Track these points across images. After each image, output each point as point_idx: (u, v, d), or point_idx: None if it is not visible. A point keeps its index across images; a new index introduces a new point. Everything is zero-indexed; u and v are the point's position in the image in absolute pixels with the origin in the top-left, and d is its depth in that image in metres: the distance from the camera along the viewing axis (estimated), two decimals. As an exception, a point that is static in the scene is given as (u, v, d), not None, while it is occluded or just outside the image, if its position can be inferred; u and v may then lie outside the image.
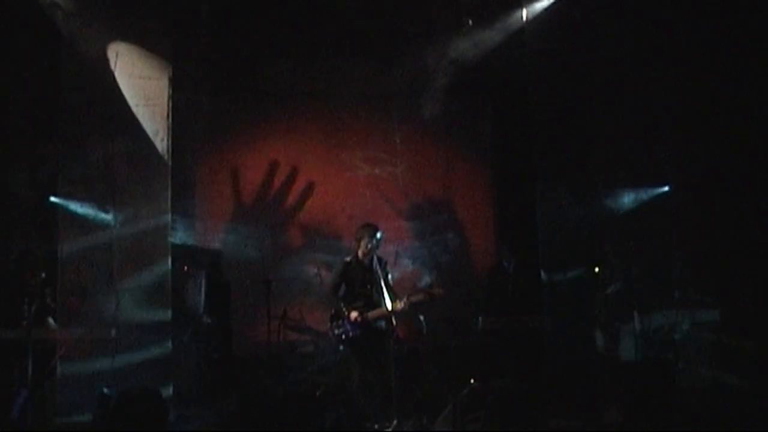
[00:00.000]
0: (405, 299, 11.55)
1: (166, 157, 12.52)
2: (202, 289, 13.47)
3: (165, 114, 12.60)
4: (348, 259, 12.09)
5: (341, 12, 13.80)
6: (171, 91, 12.68)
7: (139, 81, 12.54)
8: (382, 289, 11.45)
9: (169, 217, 12.58)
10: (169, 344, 12.26)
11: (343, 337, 11.67)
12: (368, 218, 13.09)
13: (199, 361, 13.06)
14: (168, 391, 11.76)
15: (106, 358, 11.72)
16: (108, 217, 12.24)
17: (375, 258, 11.77)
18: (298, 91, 14.87)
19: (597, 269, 13.32)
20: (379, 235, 12.03)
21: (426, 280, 13.66)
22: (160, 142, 12.52)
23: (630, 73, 13.60)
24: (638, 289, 13.13)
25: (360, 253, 11.95)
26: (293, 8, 13.63)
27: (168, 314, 12.32)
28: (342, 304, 11.76)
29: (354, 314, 11.61)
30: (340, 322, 11.68)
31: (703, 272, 13.24)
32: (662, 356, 12.75)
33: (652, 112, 13.67)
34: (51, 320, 11.50)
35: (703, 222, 13.33)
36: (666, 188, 13.69)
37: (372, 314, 11.61)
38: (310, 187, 14.82)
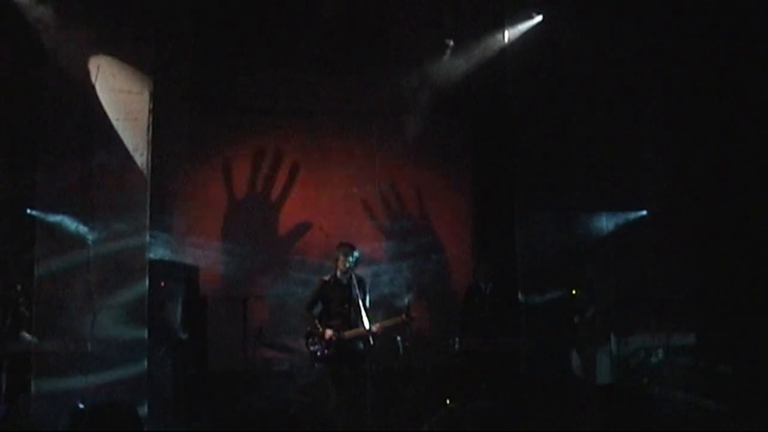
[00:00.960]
0: (378, 325, 11.58)
1: (145, 172, 12.48)
2: (179, 305, 13.40)
3: (145, 128, 12.56)
4: (326, 277, 12.09)
5: (323, 30, 13.88)
6: (152, 106, 12.64)
7: (119, 95, 12.50)
8: (359, 308, 11.45)
9: (147, 231, 12.53)
10: (145, 360, 12.22)
11: (318, 354, 11.67)
12: (346, 237, 13.07)
13: (175, 376, 12.99)
14: (143, 407, 11.71)
15: (81, 372, 11.66)
16: (86, 230, 12.19)
17: (353, 277, 11.76)
18: (279, 107, 14.85)
19: (574, 291, 13.34)
20: (356, 253, 12.04)
21: (404, 300, 13.59)
22: (140, 156, 12.47)
23: (610, 96, 13.68)
24: (615, 312, 13.16)
25: (338, 271, 11.95)
26: (275, 25, 13.70)
27: (144, 330, 12.27)
28: (317, 323, 11.76)
29: (329, 333, 11.63)
30: (315, 339, 11.69)
31: (679, 295, 13.29)
32: (638, 380, 12.79)
33: (632, 135, 13.74)
34: (26, 334, 11.42)
35: (680, 246, 13.39)
36: (644, 212, 13.74)
37: (348, 334, 11.62)
38: (288, 205, 14.78)
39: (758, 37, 12.53)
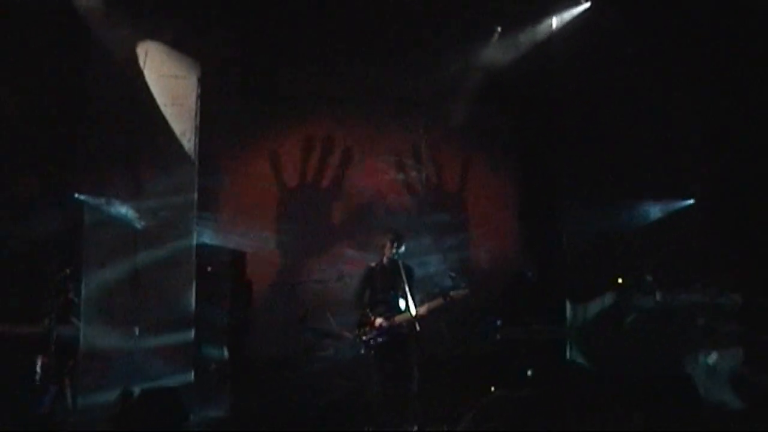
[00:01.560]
0: (425, 306, 11.56)
1: (192, 156, 12.54)
2: (226, 290, 13.46)
3: (192, 114, 12.61)
4: (372, 264, 12.09)
5: (371, 17, 13.82)
6: (199, 91, 12.69)
7: (167, 80, 12.55)
8: (405, 294, 11.42)
9: (194, 216, 12.60)
10: (191, 344, 12.29)
11: (371, 342, 11.67)
12: (392, 224, 13.09)
13: (220, 360, 13.06)
14: (188, 391, 11.78)
15: (128, 356, 11.75)
16: (133, 215, 12.26)
17: (400, 264, 11.74)
18: (326, 96, 14.85)
19: (620, 280, 13.28)
20: (402, 240, 12.01)
21: (447, 285, 13.55)
22: (187, 141, 12.53)
23: (655, 85, 13.59)
24: (661, 301, 13.09)
25: (384, 258, 11.94)
26: (320, 11, 13.66)
27: (191, 314, 12.34)
28: (368, 311, 11.77)
29: (379, 320, 11.63)
30: (367, 329, 11.69)
31: (725, 285, 13.20)
32: (684, 371, 12.72)
33: (678, 124, 13.66)
34: (75, 319, 11.51)
35: (726, 235, 13.30)
36: (690, 201, 13.66)
37: (398, 319, 11.60)
38: (335, 192, 14.81)
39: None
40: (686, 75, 13.61)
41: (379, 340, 11.62)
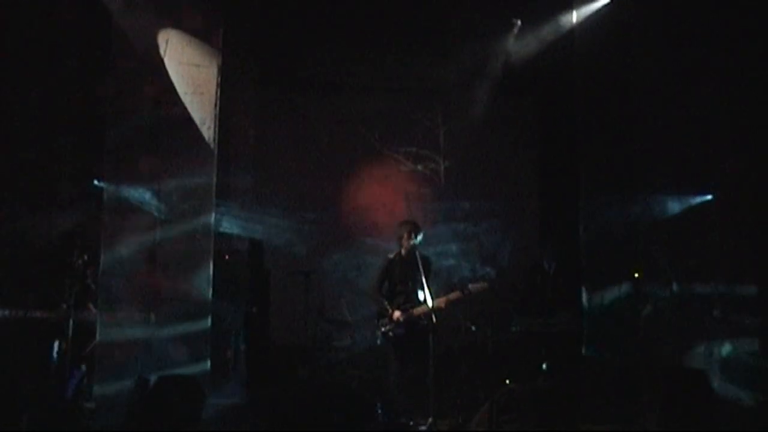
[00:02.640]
0: (443, 298, 11.56)
1: (212, 145, 12.56)
2: (244, 279, 13.50)
3: (213, 102, 12.62)
4: (391, 255, 12.10)
5: (392, 6, 13.81)
6: (220, 80, 12.71)
7: (188, 68, 12.55)
8: (423, 286, 11.42)
9: (213, 204, 12.62)
10: (209, 333, 12.32)
11: (390, 334, 11.69)
12: (409, 214, 13.10)
13: (237, 349, 13.10)
14: (206, 379, 11.82)
15: (145, 344, 11.79)
16: (152, 202, 12.29)
17: (418, 255, 11.73)
18: (344, 83, 14.92)
19: (637, 275, 13.24)
20: (419, 231, 12.01)
21: (466, 276, 13.53)
22: (207, 130, 12.53)
23: (677, 77, 13.53)
24: (679, 296, 13.05)
25: (402, 249, 11.94)
26: (344, 1, 13.67)
27: (208, 302, 12.37)
28: (386, 304, 11.78)
29: (397, 314, 11.65)
30: (386, 320, 11.70)
31: (744, 281, 13.16)
32: (701, 365, 12.69)
33: (698, 118, 13.60)
34: (92, 306, 11.55)
35: (746, 231, 13.25)
36: (709, 197, 13.62)
37: (416, 311, 11.61)
38: (352, 182, 14.85)
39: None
40: (709, 68, 13.53)
41: (397, 331, 11.63)
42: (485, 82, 14.54)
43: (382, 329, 11.73)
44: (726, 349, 12.79)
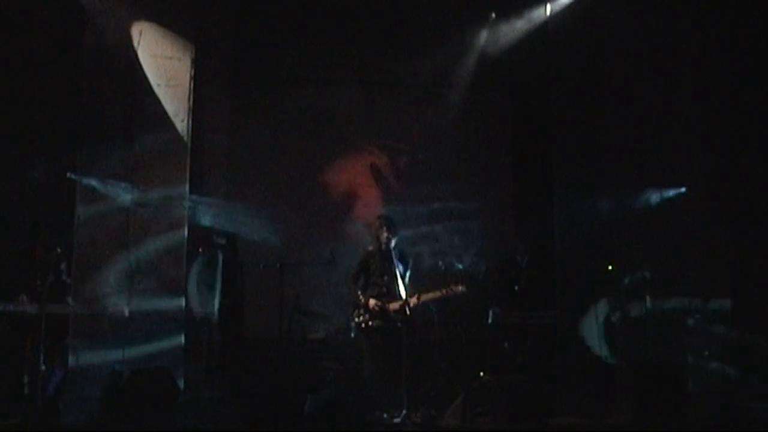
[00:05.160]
0: (416, 297, 11.56)
1: (185, 138, 12.54)
2: (217, 271, 13.47)
3: (186, 95, 12.62)
4: (370, 248, 12.08)
5: (365, 0, 13.83)
6: (193, 72, 12.68)
7: (161, 61, 12.56)
8: (397, 280, 11.43)
9: (186, 197, 12.60)
10: (182, 326, 12.31)
11: (362, 326, 11.67)
12: (385, 208, 13.11)
13: (211, 342, 13.07)
14: (179, 372, 11.81)
15: (119, 337, 11.77)
16: (125, 195, 12.27)
17: (395, 251, 11.75)
18: (319, 77, 14.87)
19: (610, 267, 13.29)
20: (393, 224, 11.98)
21: (441, 271, 13.51)
22: (180, 122, 12.53)
23: (650, 72, 13.61)
24: (651, 287, 13.11)
25: (379, 243, 11.92)
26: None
27: (182, 296, 12.37)
28: (360, 294, 11.76)
29: (372, 302, 11.62)
30: (360, 311, 11.69)
31: (716, 273, 13.24)
32: (674, 357, 12.77)
33: (671, 112, 13.67)
34: (66, 297, 11.49)
35: (718, 223, 13.33)
36: (682, 189, 13.67)
37: (392, 306, 11.58)
38: (326, 174, 14.83)
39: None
40: (684, 61, 13.61)
41: (371, 323, 11.62)
42: (459, 75, 14.54)
43: (356, 320, 11.72)
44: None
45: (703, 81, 13.49)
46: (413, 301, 11.46)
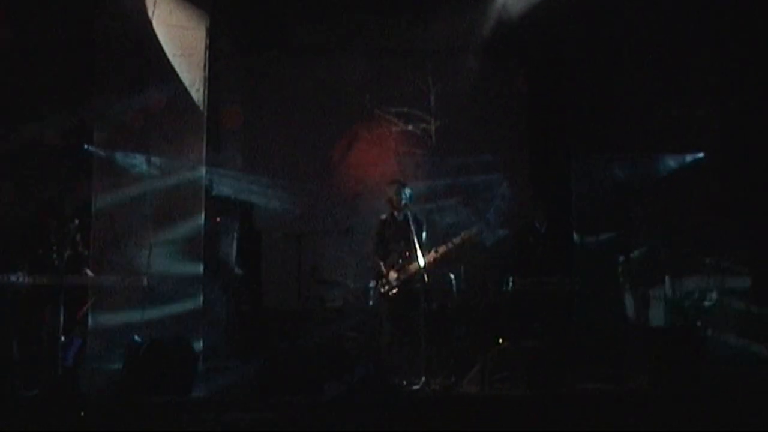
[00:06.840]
0: (434, 252, 11.53)
1: (201, 107, 12.54)
2: (234, 241, 13.50)
3: (201, 65, 12.62)
4: (383, 216, 12.05)
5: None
6: (208, 42, 12.66)
7: (176, 30, 12.55)
8: (414, 245, 11.38)
9: (203, 167, 12.62)
10: (200, 295, 12.35)
11: (389, 295, 11.66)
12: (400, 174, 13.09)
13: (229, 312, 13.11)
14: (198, 342, 11.85)
15: (137, 307, 11.80)
16: (142, 165, 12.29)
17: (409, 215, 11.71)
18: (333, 46, 14.80)
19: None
20: (408, 190, 11.92)
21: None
22: (196, 92, 12.54)
23: (668, 37, 13.51)
24: (669, 254, 13.09)
25: (393, 210, 11.90)
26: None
27: (200, 265, 12.41)
28: (382, 264, 11.76)
29: (393, 274, 11.61)
30: (384, 281, 11.68)
31: (734, 239, 13.20)
32: (691, 323, 12.75)
33: (689, 77, 13.60)
34: (84, 268, 11.50)
35: (736, 189, 13.27)
36: (701, 155, 13.62)
37: (411, 268, 11.56)
38: (342, 142, 14.81)
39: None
40: (702, 25, 13.51)
41: (394, 292, 11.62)
42: (475, 42, 14.47)
43: (381, 289, 11.69)
44: (715, 297, 12.93)
45: (722, 45, 13.40)
46: (431, 257, 11.43)
